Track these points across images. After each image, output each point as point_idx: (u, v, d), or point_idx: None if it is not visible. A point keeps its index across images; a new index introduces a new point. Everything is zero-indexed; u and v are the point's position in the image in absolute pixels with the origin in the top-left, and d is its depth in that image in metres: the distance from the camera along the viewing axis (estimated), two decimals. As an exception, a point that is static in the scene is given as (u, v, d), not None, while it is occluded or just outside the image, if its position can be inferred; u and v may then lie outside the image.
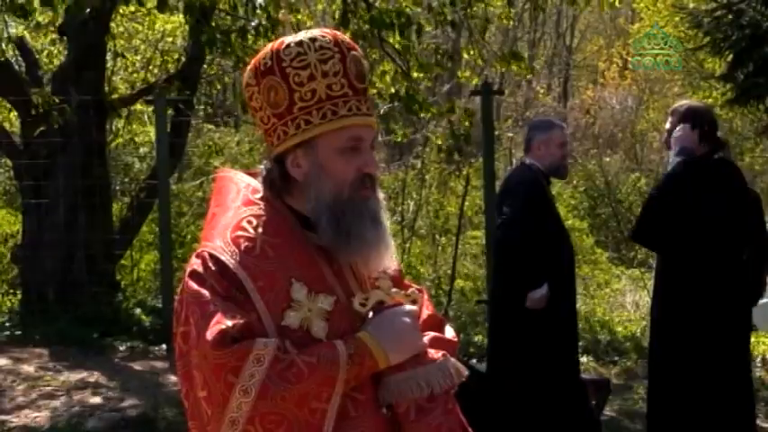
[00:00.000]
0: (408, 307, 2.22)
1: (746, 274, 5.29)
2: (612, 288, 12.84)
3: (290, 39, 2.17)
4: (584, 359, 8.10)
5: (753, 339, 6.52)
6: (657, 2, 17.12)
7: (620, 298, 12.33)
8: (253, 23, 7.69)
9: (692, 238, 5.15)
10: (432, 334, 2.30)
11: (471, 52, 9.39)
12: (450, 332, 2.37)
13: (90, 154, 9.67)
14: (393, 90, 8.65)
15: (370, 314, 2.20)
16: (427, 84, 9.99)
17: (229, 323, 2.01)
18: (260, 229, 2.14)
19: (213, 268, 2.09)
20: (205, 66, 11.33)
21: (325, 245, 2.17)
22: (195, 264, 2.12)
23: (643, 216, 5.38)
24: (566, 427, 5.56)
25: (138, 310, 9.44)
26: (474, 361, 7.65)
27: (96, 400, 7.16)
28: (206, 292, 2.06)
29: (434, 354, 2.23)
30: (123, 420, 6.73)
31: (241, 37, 7.72)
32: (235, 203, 2.21)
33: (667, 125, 5.42)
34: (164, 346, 8.44)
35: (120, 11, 11.19)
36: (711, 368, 5.16)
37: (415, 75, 8.74)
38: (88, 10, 8.08)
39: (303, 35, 2.17)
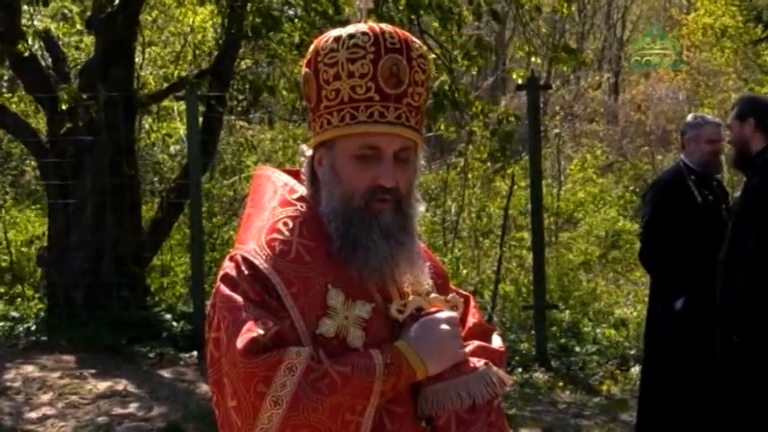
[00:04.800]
0: (448, 313, 2.14)
1: None
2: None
3: (335, 32, 2.09)
4: (636, 368, 7.89)
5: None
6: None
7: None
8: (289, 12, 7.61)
9: None
10: (477, 343, 2.22)
11: (519, 45, 9.27)
12: (497, 341, 2.29)
13: (119, 152, 9.57)
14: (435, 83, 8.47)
15: (409, 321, 2.11)
16: (474, 70, 9.92)
17: (261, 331, 1.96)
18: (296, 232, 2.09)
19: (246, 272, 2.04)
20: (238, 60, 11.16)
21: (335, 252, 2.09)
22: (228, 267, 2.08)
23: None
24: None
25: (168, 316, 9.40)
26: None
27: (124, 409, 7.12)
28: (238, 298, 2.02)
29: (476, 362, 2.15)
30: (152, 431, 6.69)
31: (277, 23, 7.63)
32: (271, 204, 2.16)
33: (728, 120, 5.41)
34: (194, 352, 8.40)
35: (150, 2, 11.07)
36: None
37: (458, 65, 8.60)
38: (116, 1, 7.99)
39: (346, 30, 2.09)
